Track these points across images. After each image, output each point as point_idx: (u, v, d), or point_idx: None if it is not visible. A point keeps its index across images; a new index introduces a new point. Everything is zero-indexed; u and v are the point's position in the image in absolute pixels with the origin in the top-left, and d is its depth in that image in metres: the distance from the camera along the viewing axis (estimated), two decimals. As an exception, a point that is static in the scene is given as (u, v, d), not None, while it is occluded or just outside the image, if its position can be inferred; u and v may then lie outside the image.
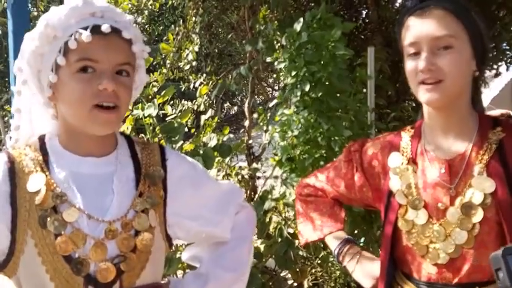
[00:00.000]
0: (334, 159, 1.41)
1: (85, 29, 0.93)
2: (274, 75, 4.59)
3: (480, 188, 1.07)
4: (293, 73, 2.05)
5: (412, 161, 1.16)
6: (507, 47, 4.65)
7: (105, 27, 0.94)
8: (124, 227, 0.97)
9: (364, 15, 4.20)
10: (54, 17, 0.95)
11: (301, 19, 2.07)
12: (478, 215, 1.06)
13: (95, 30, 0.94)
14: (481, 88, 1.19)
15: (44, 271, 0.93)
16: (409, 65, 1.09)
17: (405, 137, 1.21)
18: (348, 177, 1.29)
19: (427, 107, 1.14)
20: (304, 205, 1.38)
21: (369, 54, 2.55)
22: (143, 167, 1.03)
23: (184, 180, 1.08)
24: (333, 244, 1.32)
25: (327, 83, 2.03)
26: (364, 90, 2.57)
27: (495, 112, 1.49)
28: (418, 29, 1.07)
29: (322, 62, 2.01)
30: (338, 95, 2.09)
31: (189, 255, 1.21)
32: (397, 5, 4.15)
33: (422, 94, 1.08)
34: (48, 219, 0.93)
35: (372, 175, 1.25)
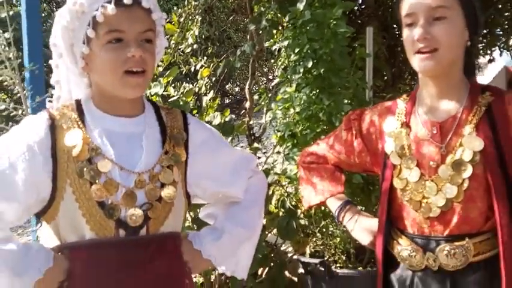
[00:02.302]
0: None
1: (109, 2, 1.03)
2: (272, 60, 4.66)
3: (470, 146, 1.16)
4: (296, 50, 2.14)
5: (406, 124, 1.25)
6: (500, 32, 4.72)
7: (127, 0, 1.03)
8: (151, 179, 1.08)
9: (360, 1, 4.26)
10: None
11: (304, -1, 2.15)
12: (468, 171, 1.15)
13: (118, 2, 1.03)
14: (474, 57, 1.29)
15: (80, 215, 1.03)
16: (406, 34, 1.19)
17: (400, 103, 1.31)
18: (348, 144, 1.39)
19: (422, 76, 1.24)
20: (307, 172, 1.48)
21: (368, 34, 2.64)
22: (168, 129, 1.14)
23: (204, 144, 1.19)
24: (333, 206, 1.42)
25: (328, 60, 2.13)
26: (361, 70, 2.66)
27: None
28: (414, 0, 1.16)
29: (324, 40, 2.11)
30: (339, 72, 2.18)
31: (205, 213, 1.33)
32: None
33: (418, 63, 1.17)
34: (85, 169, 1.04)
35: (370, 141, 1.34)
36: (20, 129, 1.08)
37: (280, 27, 2.99)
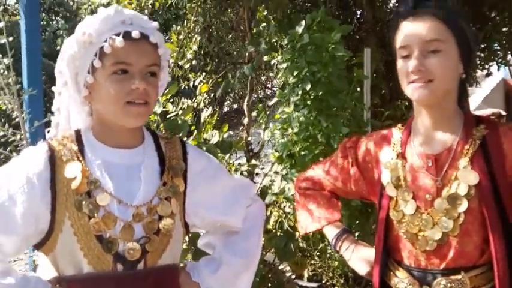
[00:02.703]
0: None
1: (117, 35, 1.05)
2: (271, 74, 4.69)
3: (465, 180, 1.16)
4: (295, 73, 2.16)
5: (402, 155, 1.26)
6: (498, 47, 4.76)
7: (135, 34, 1.05)
8: (149, 211, 1.08)
9: (358, 16, 4.30)
10: (90, 26, 1.07)
11: (303, 22, 2.18)
12: (463, 206, 1.15)
13: (126, 36, 1.05)
14: (468, 89, 1.29)
15: (78, 249, 1.04)
16: (401, 65, 1.19)
17: (396, 133, 1.31)
18: (344, 171, 1.39)
19: (417, 105, 1.24)
20: (303, 198, 1.47)
21: (365, 55, 2.66)
22: (167, 159, 1.15)
23: (202, 173, 1.19)
24: (330, 234, 1.42)
25: (326, 83, 2.14)
26: (359, 89, 2.67)
27: (486, 111, 1.58)
28: (409, 33, 1.17)
29: (322, 63, 2.13)
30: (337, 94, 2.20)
31: (204, 242, 1.33)
32: (391, 5, 4.26)
33: (412, 92, 1.17)
34: (84, 202, 1.04)
35: (366, 169, 1.34)
36: (19, 161, 1.09)
37: (278, 46, 3.01)
